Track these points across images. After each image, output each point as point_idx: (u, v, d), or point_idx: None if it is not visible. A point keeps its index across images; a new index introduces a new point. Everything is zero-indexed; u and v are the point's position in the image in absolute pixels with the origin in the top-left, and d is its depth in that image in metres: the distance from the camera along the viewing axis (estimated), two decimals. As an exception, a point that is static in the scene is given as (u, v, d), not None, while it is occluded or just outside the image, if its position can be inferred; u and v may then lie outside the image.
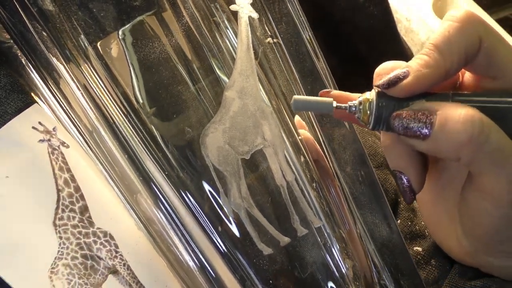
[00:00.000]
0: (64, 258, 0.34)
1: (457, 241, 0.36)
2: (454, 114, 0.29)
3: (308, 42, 0.38)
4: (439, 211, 0.38)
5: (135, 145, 0.35)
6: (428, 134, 0.30)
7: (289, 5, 0.37)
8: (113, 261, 0.35)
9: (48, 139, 0.35)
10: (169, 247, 0.36)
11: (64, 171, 0.35)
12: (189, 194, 0.35)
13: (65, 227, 0.34)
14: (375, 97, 0.32)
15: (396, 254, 0.40)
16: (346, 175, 0.39)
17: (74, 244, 0.34)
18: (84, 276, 0.34)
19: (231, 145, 0.35)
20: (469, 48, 0.31)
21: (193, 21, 0.35)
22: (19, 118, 0.35)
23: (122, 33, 0.34)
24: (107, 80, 0.34)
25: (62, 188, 0.35)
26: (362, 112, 0.32)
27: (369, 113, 0.32)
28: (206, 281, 0.36)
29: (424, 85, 0.31)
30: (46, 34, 0.33)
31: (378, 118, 0.32)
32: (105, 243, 0.35)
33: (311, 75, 0.38)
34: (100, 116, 0.34)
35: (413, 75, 0.31)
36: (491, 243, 0.34)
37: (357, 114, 0.32)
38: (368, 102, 0.32)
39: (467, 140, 0.29)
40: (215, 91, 0.35)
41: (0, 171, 0.33)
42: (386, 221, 0.40)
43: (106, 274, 0.35)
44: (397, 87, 0.31)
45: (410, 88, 0.31)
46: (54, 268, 0.33)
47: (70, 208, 0.35)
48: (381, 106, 0.31)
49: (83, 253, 0.34)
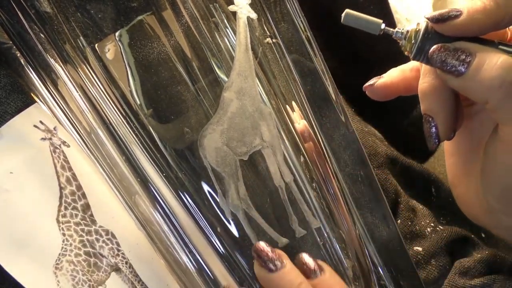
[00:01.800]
0: (68, 255, 0.34)
1: (476, 197, 0.36)
2: (492, 59, 0.30)
3: (307, 42, 0.38)
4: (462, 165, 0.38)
5: (133, 146, 0.35)
6: (463, 72, 0.31)
7: (289, 5, 0.37)
8: (115, 259, 0.35)
9: (50, 138, 0.36)
10: (168, 248, 0.36)
11: (65, 169, 0.35)
12: (187, 195, 0.35)
13: (68, 224, 0.34)
14: (423, 28, 0.33)
15: (396, 254, 0.40)
16: (346, 175, 0.39)
17: (77, 241, 0.34)
18: (88, 273, 0.34)
19: (229, 146, 0.35)
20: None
21: (193, 21, 0.35)
22: (21, 116, 0.35)
23: (120, 34, 0.34)
24: (105, 81, 0.34)
25: (65, 186, 0.35)
26: (407, 40, 0.33)
27: (413, 42, 0.33)
28: (204, 282, 0.36)
29: (473, 30, 0.32)
30: (44, 35, 0.33)
31: (421, 49, 0.33)
32: (107, 241, 0.36)
33: (311, 75, 0.38)
34: (98, 117, 0.34)
35: (465, 17, 0.31)
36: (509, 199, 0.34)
37: (402, 41, 0.34)
38: (415, 32, 0.33)
39: (498, 85, 0.30)
40: (214, 91, 0.35)
41: (4, 167, 0.34)
42: (386, 221, 0.40)
43: (109, 271, 0.35)
44: (446, 24, 0.32)
45: (459, 29, 0.32)
46: (59, 264, 0.34)
47: (72, 206, 0.35)
48: (426, 38, 0.32)
49: (86, 250, 0.35)
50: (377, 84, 0.37)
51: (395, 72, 0.38)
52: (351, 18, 0.34)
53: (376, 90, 0.37)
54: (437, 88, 0.34)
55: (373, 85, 0.37)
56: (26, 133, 0.35)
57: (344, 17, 0.34)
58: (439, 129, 0.34)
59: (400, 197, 0.48)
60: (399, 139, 0.54)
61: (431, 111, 0.34)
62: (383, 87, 0.37)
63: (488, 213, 0.36)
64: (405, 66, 0.38)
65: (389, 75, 0.37)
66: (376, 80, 0.37)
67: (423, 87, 0.34)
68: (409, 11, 0.67)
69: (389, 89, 0.37)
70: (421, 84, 0.34)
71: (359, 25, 0.34)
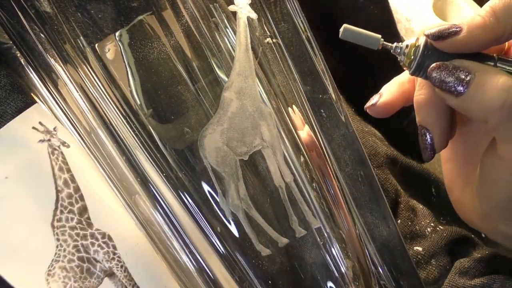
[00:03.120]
0: (61, 261, 0.34)
1: (471, 203, 0.36)
2: (492, 79, 0.30)
3: (307, 42, 0.38)
4: (458, 171, 0.38)
5: (133, 146, 0.35)
6: (462, 92, 0.31)
7: (289, 5, 0.37)
8: (110, 263, 0.35)
9: (48, 139, 0.35)
10: (168, 248, 0.36)
11: (64, 171, 0.35)
12: (187, 195, 0.35)
13: (63, 229, 0.34)
14: (422, 45, 0.32)
15: (396, 254, 0.40)
16: (346, 175, 0.39)
17: (71, 247, 0.34)
18: (80, 279, 0.34)
19: (229, 146, 0.35)
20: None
21: (193, 21, 0.35)
22: (19, 119, 0.35)
23: (120, 34, 0.34)
24: (105, 81, 0.34)
25: (62, 189, 0.35)
26: (406, 55, 0.33)
27: (413, 58, 0.33)
28: (204, 282, 0.36)
29: (474, 46, 0.31)
30: (44, 35, 0.33)
31: (420, 65, 0.32)
32: (103, 245, 0.35)
33: (311, 75, 0.38)
34: (98, 118, 0.34)
35: (465, 34, 0.31)
36: (505, 211, 0.34)
37: (401, 57, 0.33)
38: (414, 48, 0.33)
39: (499, 106, 0.30)
40: (214, 91, 0.35)
41: (0, 172, 0.34)
42: (386, 221, 0.40)
43: (102, 277, 0.35)
44: (446, 41, 0.31)
45: (459, 46, 0.31)
46: (51, 271, 0.33)
47: (68, 209, 0.35)
48: (426, 54, 0.32)
49: (80, 255, 0.34)
50: (379, 104, 0.37)
51: (393, 87, 0.38)
52: (349, 33, 0.34)
53: (378, 109, 0.37)
54: (432, 100, 0.33)
55: (375, 105, 0.37)
56: (24, 136, 0.35)
57: (342, 32, 0.33)
58: (435, 140, 0.34)
59: (400, 197, 0.48)
60: (399, 139, 0.54)
61: (427, 123, 0.34)
62: (384, 105, 0.37)
63: (485, 220, 0.36)
64: (402, 78, 0.38)
65: (389, 92, 0.37)
66: (377, 100, 0.37)
67: (419, 99, 0.34)
68: (409, 11, 0.67)
69: (391, 106, 0.37)
70: (416, 96, 0.34)
71: (357, 40, 0.34)
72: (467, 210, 0.38)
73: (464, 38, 0.31)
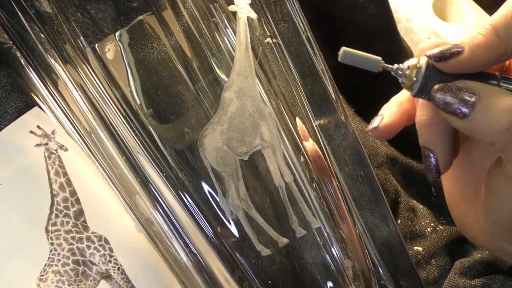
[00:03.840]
0: (54, 265, 0.34)
1: (475, 221, 0.36)
2: (497, 100, 0.29)
3: (307, 42, 0.38)
4: (461, 188, 0.38)
5: (133, 146, 0.35)
6: (468, 114, 0.30)
7: (289, 5, 0.37)
8: (106, 265, 0.35)
9: (46, 143, 0.35)
10: (168, 248, 0.36)
11: (60, 175, 0.35)
12: (187, 195, 0.35)
13: (57, 233, 0.34)
14: (424, 66, 0.31)
15: (396, 254, 0.40)
16: (346, 175, 0.39)
17: (66, 250, 0.34)
18: (75, 282, 0.34)
19: (229, 146, 0.35)
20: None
21: (193, 21, 0.35)
22: (15, 124, 0.35)
23: (120, 34, 0.34)
24: (105, 81, 0.34)
25: (57, 193, 0.35)
26: (408, 78, 0.32)
27: (415, 80, 0.32)
28: (204, 282, 0.36)
29: (476, 66, 0.31)
30: (44, 35, 0.33)
31: (423, 87, 0.31)
32: (99, 248, 0.35)
33: (311, 75, 0.38)
34: (98, 118, 0.34)
35: (467, 54, 0.30)
36: (510, 230, 0.33)
37: (402, 79, 0.32)
38: (416, 69, 0.32)
39: (505, 128, 0.29)
40: (214, 91, 0.35)
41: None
42: (386, 221, 0.40)
43: (98, 279, 0.35)
44: (449, 62, 0.31)
45: (462, 66, 0.31)
46: (44, 276, 0.33)
47: (64, 213, 0.35)
48: (428, 76, 0.31)
49: (75, 258, 0.34)
50: (381, 127, 0.36)
51: (393, 108, 0.37)
52: (349, 56, 0.32)
53: (381, 132, 0.37)
54: (435, 121, 0.33)
55: (376, 128, 0.37)
56: (20, 141, 0.35)
57: (341, 56, 0.32)
58: (439, 161, 0.33)
59: (400, 197, 0.48)
60: (399, 139, 0.54)
61: (430, 144, 0.33)
62: (386, 128, 0.37)
63: (490, 238, 0.36)
64: (401, 98, 0.37)
65: (389, 114, 0.37)
66: (378, 122, 0.37)
67: (421, 121, 0.34)
68: (410, 11, 0.67)
69: (392, 128, 0.37)
70: (418, 117, 0.34)
71: (357, 63, 0.33)
72: (471, 228, 0.37)
73: (466, 58, 0.30)
